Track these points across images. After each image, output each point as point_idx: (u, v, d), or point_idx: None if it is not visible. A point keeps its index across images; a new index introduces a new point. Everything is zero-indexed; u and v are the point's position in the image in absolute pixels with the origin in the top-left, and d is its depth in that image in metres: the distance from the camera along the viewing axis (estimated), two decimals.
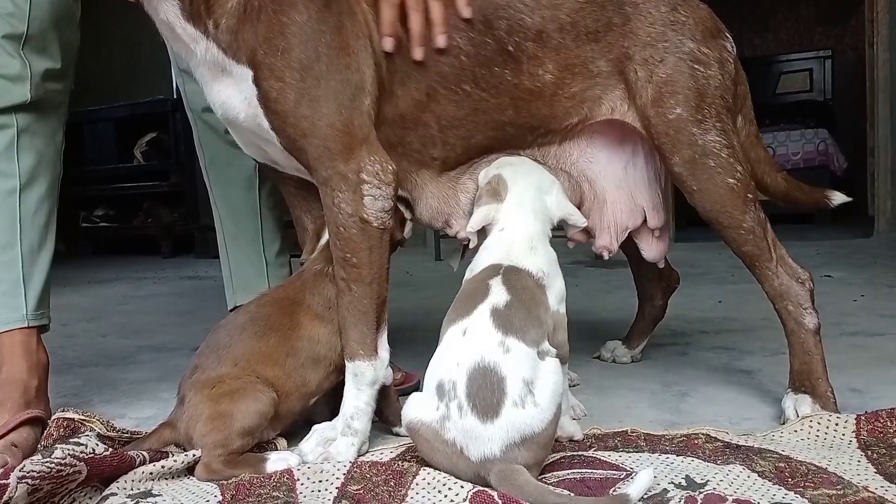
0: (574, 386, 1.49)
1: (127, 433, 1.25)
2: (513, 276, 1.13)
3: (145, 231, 5.68)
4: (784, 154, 5.43)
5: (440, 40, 1.24)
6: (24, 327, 1.35)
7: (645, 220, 1.45)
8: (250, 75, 1.16)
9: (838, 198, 1.46)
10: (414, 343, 1.41)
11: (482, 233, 1.25)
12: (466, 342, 1.04)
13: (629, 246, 1.53)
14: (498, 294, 1.09)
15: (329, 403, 1.29)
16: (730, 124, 1.33)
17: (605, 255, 1.46)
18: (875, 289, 2.60)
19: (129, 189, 5.59)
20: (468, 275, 1.21)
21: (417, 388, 1.55)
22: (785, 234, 1.50)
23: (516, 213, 1.22)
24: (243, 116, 1.20)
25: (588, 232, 1.45)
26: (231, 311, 1.74)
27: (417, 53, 1.23)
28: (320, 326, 1.25)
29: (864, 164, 4.45)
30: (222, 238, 1.76)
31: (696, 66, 1.30)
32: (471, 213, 1.28)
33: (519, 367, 1.00)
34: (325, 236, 1.29)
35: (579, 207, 1.42)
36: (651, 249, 1.50)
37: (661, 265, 1.56)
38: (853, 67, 6.71)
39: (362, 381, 1.19)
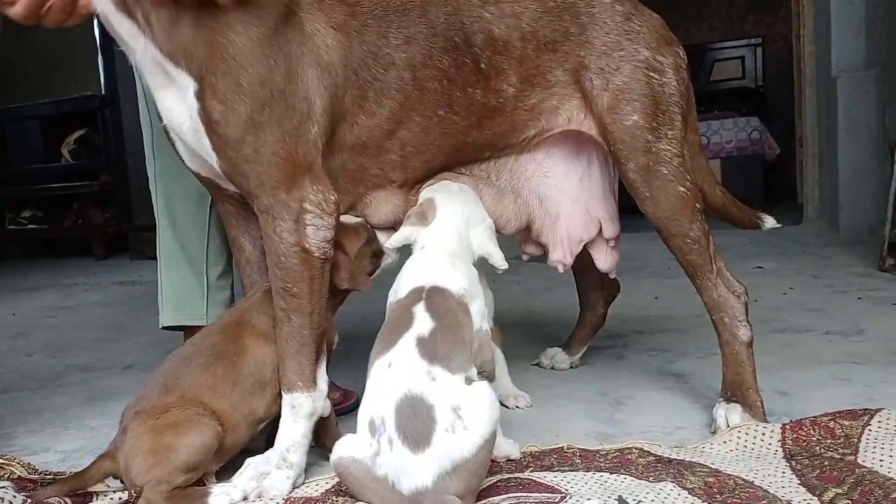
0: (528, 408, 1.50)
1: (49, 474, 1.20)
2: (436, 298, 1.12)
3: (77, 233, 5.47)
4: (718, 142, 5.55)
5: None
6: None
7: (600, 231, 1.45)
8: (192, 86, 1.09)
9: (769, 222, 1.49)
10: (351, 355, 1.38)
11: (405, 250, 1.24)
12: (392, 375, 1.03)
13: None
14: (422, 322, 1.08)
15: (265, 430, 1.27)
16: (682, 133, 1.33)
17: (560, 269, 1.46)
18: (804, 280, 2.69)
19: (58, 189, 5.36)
20: (392, 297, 1.20)
21: (356, 406, 1.54)
22: (718, 222, 1.50)
23: (438, 236, 1.21)
24: (186, 127, 1.14)
25: (542, 245, 1.45)
26: (162, 329, 1.68)
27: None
28: (265, 347, 1.21)
29: (794, 151, 4.60)
30: (161, 252, 1.67)
31: (651, 74, 1.30)
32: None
33: (447, 395, 1.00)
34: None
35: (529, 227, 1.41)
36: (605, 260, 1.50)
37: (613, 275, 1.56)
38: (782, 55, 6.93)
39: (300, 413, 1.17)
